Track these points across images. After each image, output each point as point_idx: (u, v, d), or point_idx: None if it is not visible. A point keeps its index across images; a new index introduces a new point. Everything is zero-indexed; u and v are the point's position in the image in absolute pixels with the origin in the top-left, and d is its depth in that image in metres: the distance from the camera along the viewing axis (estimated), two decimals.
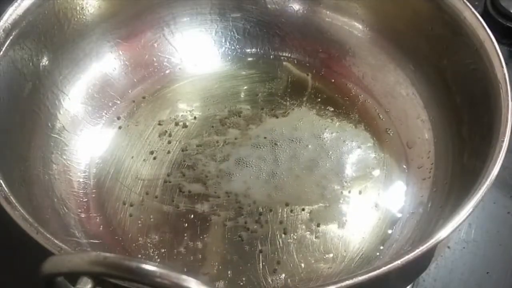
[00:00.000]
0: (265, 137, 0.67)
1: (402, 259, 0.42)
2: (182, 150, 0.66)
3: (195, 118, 0.69)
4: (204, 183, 0.63)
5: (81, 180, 0.63)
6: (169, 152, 0.66)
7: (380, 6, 0.70)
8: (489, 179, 0.47)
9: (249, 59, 0.76)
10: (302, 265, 0.58)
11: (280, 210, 0.61)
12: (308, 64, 0.75)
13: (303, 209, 0.62)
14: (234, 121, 0.69)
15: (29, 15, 0.59)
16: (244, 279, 0.57)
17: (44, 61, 0.63)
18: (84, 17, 0.67)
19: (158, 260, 0.58)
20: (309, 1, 0.74)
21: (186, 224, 0.60)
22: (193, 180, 0.64)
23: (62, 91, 0.66)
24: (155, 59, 0.74)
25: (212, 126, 0.69)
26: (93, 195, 0.63)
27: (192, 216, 0.61)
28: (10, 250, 0.61)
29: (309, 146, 0.67)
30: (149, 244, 0.59)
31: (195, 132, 0.68)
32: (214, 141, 0.67)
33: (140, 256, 0.58)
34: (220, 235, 0.60)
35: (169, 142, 0.67)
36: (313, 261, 0.58)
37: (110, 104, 0.70)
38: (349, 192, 0.63)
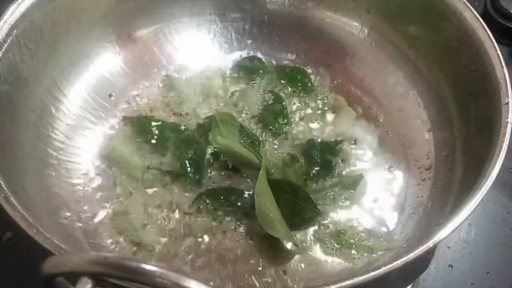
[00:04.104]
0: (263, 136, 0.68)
1: (402, 259, 0.42)
2: None
3: (195, 117, 0.69)
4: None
5: (81, 180, 0.63)
6: None
7: (380, 7, 0.70)
8: (489, 179, 0.47)
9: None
10: (302, 265, 0.58)
11: None
12: (308, 65, 0.75)
13: None
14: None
15: (29, 15, 0.59)
16: (244, 278, 0.57)
17: (44, 62, 0.63)
18: (84, 17, 0.67)
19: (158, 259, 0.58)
20: (310, 1, 0.74)
21: (188, 224, 0.61)
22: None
23: (62, 91, 0.66)
24: (155, 59, 0.74)
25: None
26: (93, 196, 0.63)
27: (195, 217, 0.61)
28: (10, 251, 0.61)
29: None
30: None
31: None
32: None
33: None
34: (220, 234, 0.60)
35: None
36: (313, 262, 0.58)
37: (110, 104, 0.70)
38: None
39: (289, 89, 0.72)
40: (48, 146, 0.62)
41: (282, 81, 0.72)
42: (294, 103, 0.71)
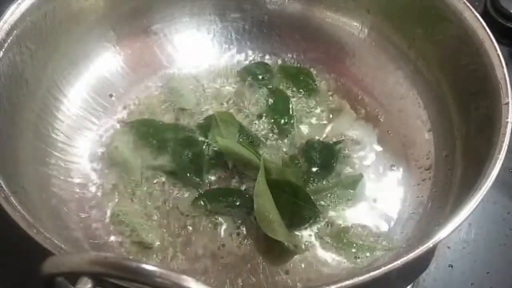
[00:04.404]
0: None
1: (402, 259, 0.42)
2: None
3: (195, 117, 0.69)
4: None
5: (81, 180, 0.63)
6: None
7: (380, 7, 0.70)
8: (489, 179, 0.47)
9: (249, 59, 0.76)
10: (303, 265, 0.58)
11: None
12: (308, 65, 0.75)
13: None
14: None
15: (29, 15, 0.59)
16: (244, 279, 0.57)
17: (44, 62, 0.63)
18: (84, 18, 0.67)
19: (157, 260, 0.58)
20: (310, 1, 0.74)
21: (188, 225, 0.61)
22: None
23: (62, 91, 0.66)
24: (155, 59, 0.74)
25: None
26: (93, 196, 0.63)
27: (195, 218, 0.61)
28: (10, 250, 0.61)
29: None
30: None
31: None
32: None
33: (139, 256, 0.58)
34: (220, 235, 0.60)
35: None
36: (313, 262, 0.58)
37: (110, 104, 0.70)
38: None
39: (293, 89, 0.72)
40: (48, 146, 0.62)
41: (287, 81, 0.72)
42: (297, 104, 0.71)
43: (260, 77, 0.73)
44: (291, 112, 0.69)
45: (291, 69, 0.74)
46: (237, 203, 0.61)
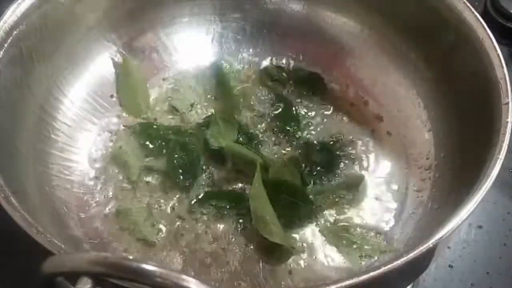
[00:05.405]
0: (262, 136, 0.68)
1: (402, 259, 0.42)
2: None
3: (195, 118, 0.69)
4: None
5: (81, 180, 0.63)
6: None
7: (380, 7, 0.70)
8: (489, 179, 0.47)
9: (249, 59, 0.75)
10: (302, 265, 0.58)
11: None
12: (308, 65, 0.75)
13: None
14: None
15: (29, 15, 0.59)
16: (244, 279, 0.57)
17: (44, 62, 0.63)
18: (84, 17, 0.67)
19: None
20: (310, 1, 0.74)
21: (188, 226, 0.61)
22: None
23: (62, 91, 0.66)
24: (155, 59, 0.74)
25: None
26: (93, 195, 0.63)
27: (195, 219, 0.61)
28: (10, 250, 0.61)
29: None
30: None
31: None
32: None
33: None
34: (220, 235, 0.60)
35: None
36: (314, 262, 0.58)
37: (111, 105, 0.70)
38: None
39: (303, 91, 0.72)
40: (48, 147, 0.62)
41: (298, 84, 0.72)
42: (301, 106, 0.71)
43: (270, 79, 0.72)
44: (296, 117, 0.69)
45: (300, 71, 0.74)
46: (237, 204, 0.61)
